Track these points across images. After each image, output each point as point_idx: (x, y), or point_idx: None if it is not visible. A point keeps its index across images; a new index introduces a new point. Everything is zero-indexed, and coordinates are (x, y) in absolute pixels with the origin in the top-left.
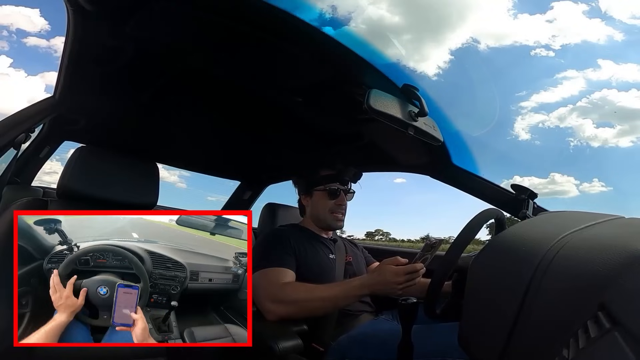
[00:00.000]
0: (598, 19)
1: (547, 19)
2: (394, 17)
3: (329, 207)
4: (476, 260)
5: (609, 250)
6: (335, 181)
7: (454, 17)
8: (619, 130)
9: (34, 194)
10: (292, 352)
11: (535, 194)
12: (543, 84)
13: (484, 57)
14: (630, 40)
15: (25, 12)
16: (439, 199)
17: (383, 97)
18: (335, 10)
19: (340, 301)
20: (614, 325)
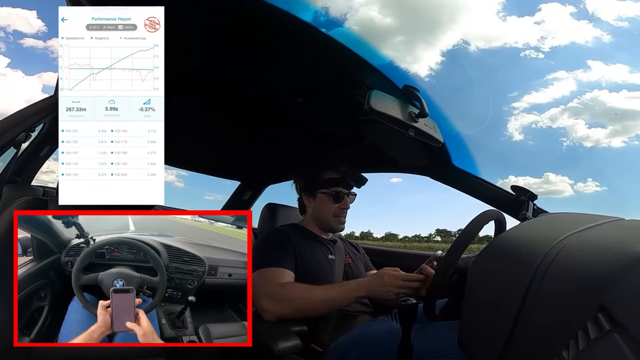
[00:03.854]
0: (586, 21)
1: (535, 20)
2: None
3: (332, 210)
4: (476, 262)
5: (609, 252)
6: (340, 185)
7: (445, 20)
8: (610, 130)
9: (34, 193)
10: (291, 352)
11: (535, 195)
12: (534, 85)
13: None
14: (619, 42)
15: (23, 14)
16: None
17: (384, 98)
18: (327, 12)
19: (338, 302)
20: (614, 327)
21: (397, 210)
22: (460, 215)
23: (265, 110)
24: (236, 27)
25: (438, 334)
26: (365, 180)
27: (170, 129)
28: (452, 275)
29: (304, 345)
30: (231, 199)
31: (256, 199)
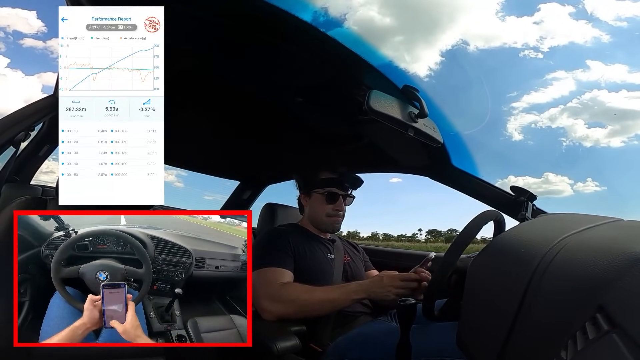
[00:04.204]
0: (584, 21)
1: (534, 20)
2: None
3: (326, 211)
4: (475, 262)
5: (608, 253)
6: (335, 185)
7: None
8: (610, 130)
9: (33, 192)
10: (290, 352)
11: (535, 196)
12: (533, 85)
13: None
14: (617, 42)
15: (22, 14)
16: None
17: (383, 98)
18: (327, 11)
19: (338, 304)
20: (613, 327)
21: (384, 211)
22: (460, 215)
23: (265, 110)
24: (236, 27)
25: (437, 334)
26: (361, 182)
27: (170, 129)
28: (451, 276)
29: (303, 345)
30: (230, 198)
31: (255, 198)
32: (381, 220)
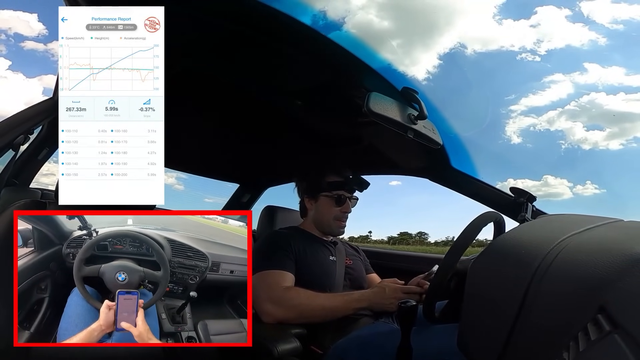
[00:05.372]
0: (581, 24)
1: (531, 23)
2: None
3: (334, 214)
4: (475, 263)
5: (609, 253)
6: (343, 189)
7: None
8: (608, 133)
9: (33, 195)
10: (291, 354)
11: (534, 197)
12: (531, 88)
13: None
14: (614, 45)
15: (23, 17)
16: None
17: (383, 100)
18: (326, 15)
19: (339, 312)
20: (614, 328)
21: (374, 214)
22: (460, 216)
23: (265, 112)
24: (236, 29)
25: (438, 335)
26: (368, 185)
27: (170, 130)
28: (451, 278)
29: (304, 348)
30: (230, 201)
31: (255, 201)
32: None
